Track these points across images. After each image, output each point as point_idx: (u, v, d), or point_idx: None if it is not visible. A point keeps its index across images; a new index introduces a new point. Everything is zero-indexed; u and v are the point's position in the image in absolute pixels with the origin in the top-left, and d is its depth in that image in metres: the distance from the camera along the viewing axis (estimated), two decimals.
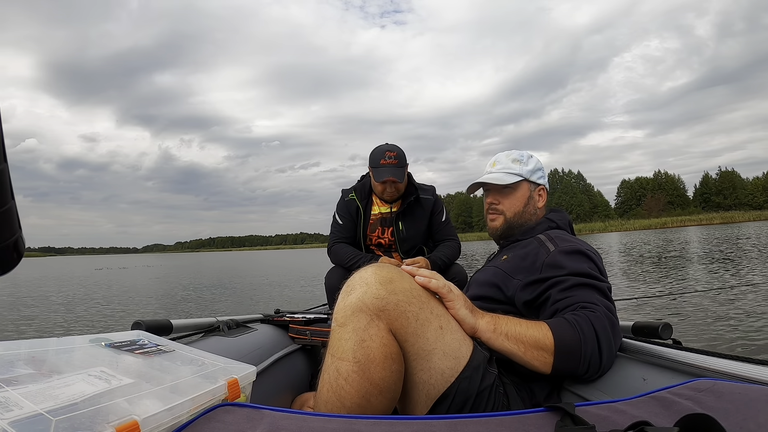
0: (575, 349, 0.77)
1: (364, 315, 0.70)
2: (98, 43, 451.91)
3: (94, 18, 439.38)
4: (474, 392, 0.76)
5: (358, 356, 0.69)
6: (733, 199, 59.55)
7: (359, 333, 0.70)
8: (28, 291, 8.52)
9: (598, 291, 0.86)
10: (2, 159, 0.31)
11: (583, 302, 0.83)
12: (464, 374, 0.75)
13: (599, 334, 0.78)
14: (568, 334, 0.77)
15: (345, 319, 0.71)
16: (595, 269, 0.91)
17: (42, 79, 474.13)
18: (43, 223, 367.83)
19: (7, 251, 0.33)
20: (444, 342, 0.75)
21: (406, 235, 1.87)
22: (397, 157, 1.79)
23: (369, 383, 0.69)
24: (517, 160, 1.14)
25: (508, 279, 0.99)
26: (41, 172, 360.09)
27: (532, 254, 0.98)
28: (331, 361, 0.72)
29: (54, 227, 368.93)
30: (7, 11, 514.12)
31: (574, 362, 0.77)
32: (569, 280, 0.87)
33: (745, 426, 0.48)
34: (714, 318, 3.52)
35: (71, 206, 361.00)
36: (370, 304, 0.71)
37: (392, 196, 1.84)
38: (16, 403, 0.47)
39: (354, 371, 0.69)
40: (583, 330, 0.77)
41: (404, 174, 1.79)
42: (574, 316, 0.80)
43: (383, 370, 0.69)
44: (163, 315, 4.76)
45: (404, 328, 0.72)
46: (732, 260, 7.78)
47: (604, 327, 0.79)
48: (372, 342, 0.69)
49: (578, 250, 0.94)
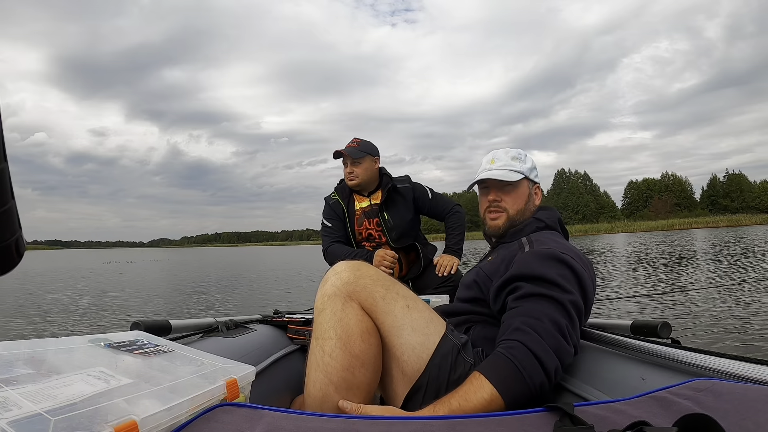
0: (523, 388, 0.73)
1: (338, 299, 0.80)
2: (109, 38, 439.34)
3: (106, 13, 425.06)
4: (445, 380, 0.80)
5: (338, 332, 0.78)
6: (741, 202, 59.27)
7: (337, 314, 0.79)
8: (31, 288, 8.50)
9: (552, 302, 0.81)
10: (2, 159, 0.31)
11: (526, 317, 0.79)
12: (433, 361, 0.81)
13: (541, 358, 0.75)
14: (510, 378, 0.73)
15: (323, 305, 0.81)
16: (568, 276, 0.85)
17: (52, 73, 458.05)
18: (50, 217, 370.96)
19: (8, 251, 0.33)
20: (412, 318, 0.83)
21: (393, 224, 1.90)
22: (360, 143, 1.90)
23: (351, 356, 0.77)
24: (517, 158, 1.13)
25: (488, 281, 0.98)
26: (50, 165, 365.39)
27: (509, 256, 0.97)
28: (315, 343, 0.80)
29: (61, 221, 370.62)
30: (20, 6, 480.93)
31: (526, 396, 0.74)
32: (523, 288, 0.84)
33: (744, 426, 0.48)
34: (713, 317, 3.53)
35: (79, 200, 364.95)
36: (343, 288, 0.81)
37: (352, 179, 1.90)
38: (15, 402, 0.47)
39: (337, 346, 0.77)
40: (522, 364, 0.74)
41: (360, 154, 1.86)
42: (508, 348, 0.76)
43: (362, 342, 0.78)
44: (162, 315, 4.76)
45: (374, 307, 0.81)
46: (732, 260, 7.79)
47: (544, 348, 0.75)
48: (349, 320, 0.79)
49: (551, 254, 0.89)
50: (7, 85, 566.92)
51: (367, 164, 1.89)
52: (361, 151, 1.87)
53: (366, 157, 1.87)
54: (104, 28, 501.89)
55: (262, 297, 7.06)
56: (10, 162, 0.32)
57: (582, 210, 67.47)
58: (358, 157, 1.86)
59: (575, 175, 73.69)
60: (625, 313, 3.91)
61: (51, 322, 5.01)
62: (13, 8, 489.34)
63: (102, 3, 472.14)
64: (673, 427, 0.46)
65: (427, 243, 2.06)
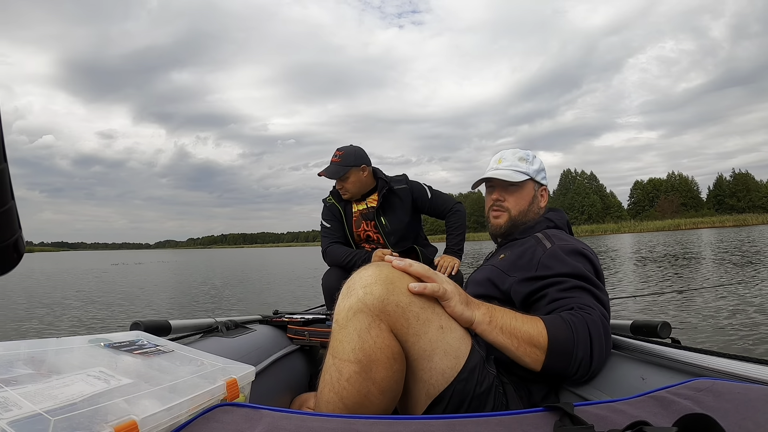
0: (568, 350, 0.76)
1: (365, 316, 0.69)
2: (118, 41, 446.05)
3: (115, 17, 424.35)
4: (470, 394, 0.75)
5: (359, 357, 0.68)
6: (747, 201, 58.97)
7: (361, 334, 0.69)
8: (31, 288, 8.51)
9: (594, 296, 0.86)
10: (2, 159, 0.31)
11: (581, 305, 0.82)
12: (461, 376, 0.74)
13: (593, 337, 0.78)
14: (563, 333, 0.77)
15: (346, 321, 0.70)
16: (592, 271, 0.91)
17: (60, 76, 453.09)
18: (57, 219, 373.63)
19: (8, 251, 0.33)
20: (445, 341, 0.74)
21: (390, 228, 1.88)
22: (342, 156, 1.84)
23: (371, 383, 0.68)
24: (524, 159, 1.14)
25: (504, 276, 0.99)
26: (57, 168, 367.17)
27: (528, 252, 0.98)
28: (332, 362, 0.71)
29: (68, 222, 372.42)
30: (29, 10, 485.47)
31: (564, 362, 0.77)
32: (568, 282, 0.87)
33: (744, 425, 0.48)
34: (713, 317, 3.52)
35: (86, 202, 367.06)
36: (371, 305, 0.69)
37: (345, 195, 1.87)
38: (15, 403, 0.47)
39: (356, 372, 0.68)
40: (578, 331, 0.77)
41: (342, 171, 1.81)
42: (571, 315, 0.79)
43: (385, 370, 0.69)
44: (162, 315, 4.75)
45: (405, 329, 0.71)
46: (733, 261, 7.79)
47: (599, 332, 0.79)
48: (374, 343, 0.68)
49: (576, 249, 0.94)
50: (15, 88, 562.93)
51: (354, 176, 1.85)
52: (343, 167, 1.82)
53: (350, 170, 1.83)
54: (113, 31, 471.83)
55: (262, 297, 7.06)
56: (19, 164, 0.32)
57: (588, 210, 67.20)
58: (343, 174, 1.82)
59: (581, 176, 73.47)
60: (625, 312, 3.91)
61: (51, 322, 5.01)
62: (23, 11, 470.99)
63: (111, 7, 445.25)
64: (673, 427, 0.46)
65: (428, 244, 2.05)
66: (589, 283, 0.87)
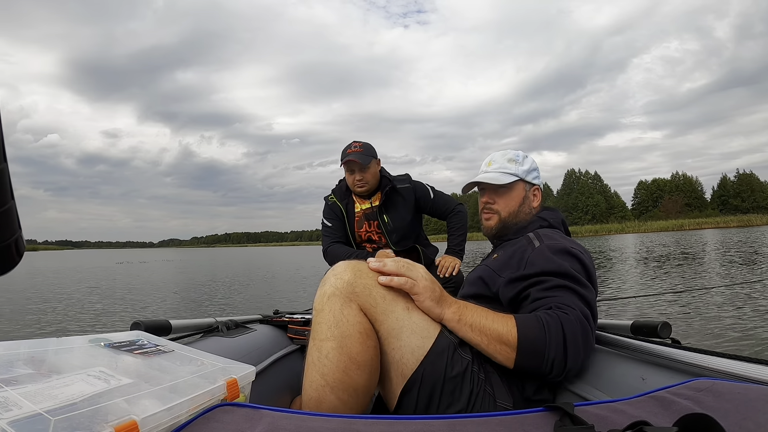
0: (538, 349, 0.76)
1: (337, 299, 0.78)
2: (123, 41, 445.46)
3: (120, 16, 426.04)
4: (440, 378, 0.79)
5: (335, 334, 0.76)
6: (751, 202, 58.65)
7: (335, 314, 0.77)
8: (32, 288, 8.52)
9: (578, 296, 0.84)
10: (2, 159, 0.31)
11: (560, 304, 0.82)
12: (428, 359, 0.79)
13: (567, 337, 0.77)
14: (533, 333, 0.77)
15: (321, 306, 0.80)
16: (581, 270, 0.89)
17: (65, 75, 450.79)
18: (61, 217, 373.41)
19: (8, 251, 0.33)
20: (412, 320, 0.81)
21: (393, 226, 1.88)
22: (363, 147, 1.84)
23: (348, 358, 0.75)
24: (513, 160, 1.14)
25: (495, 276, 0.99)
26: (62, 167, 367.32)
27: (519, 252, 0.98)
28: (313, 344, 0.79)
29: (72, 221, 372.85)
30: (34, 9, 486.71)
31: (536, 361, 0.77)
32: (551, 281, 0.86)
33: (745, 426, 0.48)
34: (713, 317, 3.52)
35: (90, 201, 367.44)
36: (342, 289, 0.79)
37: (362, 186, 1.85)
38: (16, 402, 0.47)
39: (333, 348, 0.76)
40: (550, 331, 0.76)
41: (368, 160, 1.81)
42: (546, 315, 0.79)
43: (359, 344, 0.77)
44: (162, 315, 4.75)
45: (374, 308, 0.79)
46: (734, 261, 7.78)
47: (574, 332, 0.78)
48: (347, 321, 0.77)
49: (564, 248, 0.93)
50: (19, 87, 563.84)
51: (374, 168, 1.86)
52: (368, 156, 1.82)
53: (372, 161, 1.84)
54: (118, 30, 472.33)
55: (262, 297, 7.06)
56: (24, 163, 0.32)
57: (592, 210, 66.99)
58: (368, 163, 1.81)
59: (585, 175, 73.30)
60: (626, 313, 3.91)
61: (51, 321, 5.01)
62: (27, 11, 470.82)
63: (116, 6, 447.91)
64: (673, 427, 0.46)
65: (429, 244, 2.05)
66: (573, 281, 0.86)
